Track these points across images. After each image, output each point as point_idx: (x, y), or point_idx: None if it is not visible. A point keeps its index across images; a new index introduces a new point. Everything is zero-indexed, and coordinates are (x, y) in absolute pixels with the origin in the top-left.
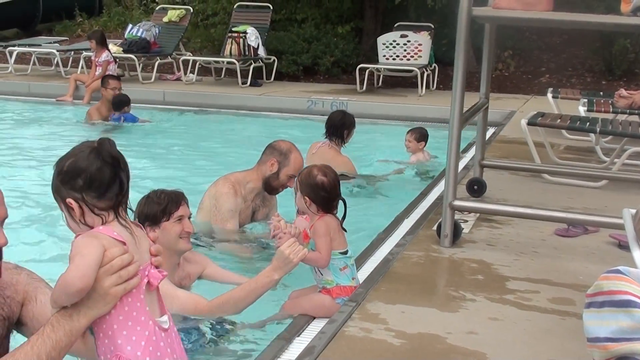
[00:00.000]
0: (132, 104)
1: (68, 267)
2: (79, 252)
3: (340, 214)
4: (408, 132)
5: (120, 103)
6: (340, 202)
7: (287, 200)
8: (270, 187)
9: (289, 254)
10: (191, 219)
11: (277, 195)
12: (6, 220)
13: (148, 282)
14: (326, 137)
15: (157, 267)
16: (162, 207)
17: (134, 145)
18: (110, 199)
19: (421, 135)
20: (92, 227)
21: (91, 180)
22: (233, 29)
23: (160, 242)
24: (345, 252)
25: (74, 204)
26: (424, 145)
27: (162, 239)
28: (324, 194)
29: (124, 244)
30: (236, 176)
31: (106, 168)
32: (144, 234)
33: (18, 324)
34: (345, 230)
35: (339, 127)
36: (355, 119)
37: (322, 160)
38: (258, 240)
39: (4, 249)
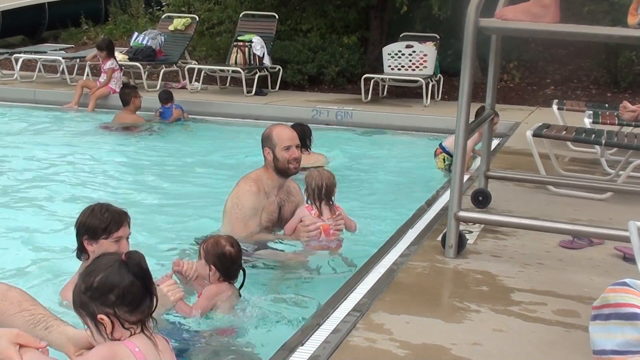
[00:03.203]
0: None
1: None
2: None
3: (238, 282)
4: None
5: (168, 98)
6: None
7: None
8: (281, 170)
9: (166, 292)
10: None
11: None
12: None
13: None
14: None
15: None
16: (103, 224)
17: (136, 154)
18: (142, 312)
19: None
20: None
21: (124, 295)
22: (239, 38)
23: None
24: None
25: (106, 320)
26: None
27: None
28: (229, 264)
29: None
30: (256, 173)
31: (137, 282)
32: (168, 346)
33: None
34: (240, 296)
35: (303, 140)
36: (360, 128)
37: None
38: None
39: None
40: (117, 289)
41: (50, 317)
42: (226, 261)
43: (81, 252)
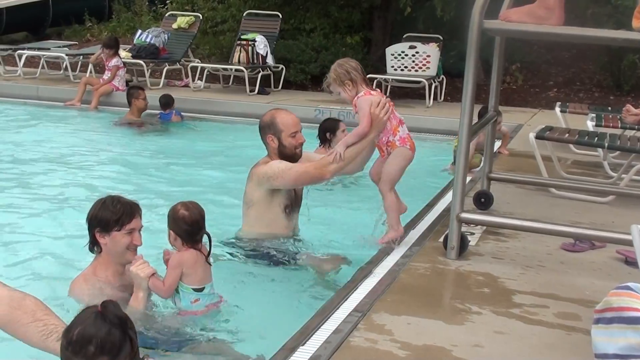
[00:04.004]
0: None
1: None
2: None
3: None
4: None
5: (167, 103)
6: (206, 236)
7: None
8: (288, 156)
9: (136, 271)
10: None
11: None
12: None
13: None
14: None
15: None
16: (116, 216)
17: (138, 152)
18: (124, 359)
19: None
20: None
21: (103, 345)
22: (242, 37)
23: (108, 250)
24: (201, 289)
25: None
26: None
27: (110, 247)
28: (186, 227)
29: None
30: (263, 160)
31: (115, 330)
32: None
33: None
34: (210, 265)
35: (320, 132)
36: None
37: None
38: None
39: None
40: (95, 340)
41: (63, 327)
42: (182, 224)
43: (94, 245)
